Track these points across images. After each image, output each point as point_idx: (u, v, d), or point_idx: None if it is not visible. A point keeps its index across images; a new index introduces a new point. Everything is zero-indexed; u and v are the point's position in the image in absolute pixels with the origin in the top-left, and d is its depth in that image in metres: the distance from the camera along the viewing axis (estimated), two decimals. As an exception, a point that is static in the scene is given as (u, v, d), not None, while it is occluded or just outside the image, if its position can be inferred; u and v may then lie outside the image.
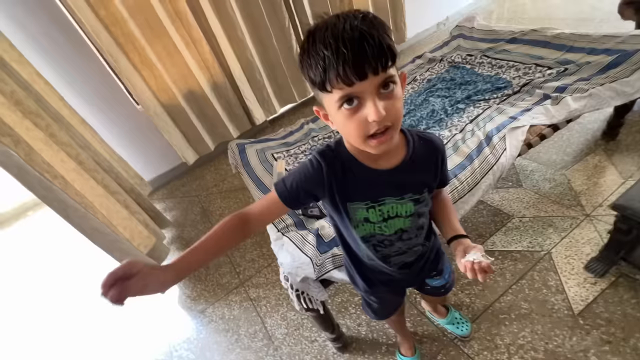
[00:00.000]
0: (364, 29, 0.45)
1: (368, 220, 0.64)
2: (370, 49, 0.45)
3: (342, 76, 0.46)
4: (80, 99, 2.19)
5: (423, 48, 3.37)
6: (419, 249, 0.75)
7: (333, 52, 0.45)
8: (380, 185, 0.62)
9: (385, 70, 0.47)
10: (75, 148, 1.59)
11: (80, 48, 2.13)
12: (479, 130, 1.36)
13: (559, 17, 3.02)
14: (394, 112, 0.50)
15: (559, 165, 1.69)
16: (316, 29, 0.48)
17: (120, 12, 2.05)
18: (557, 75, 1.48)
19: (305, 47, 0.49)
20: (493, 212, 1.59)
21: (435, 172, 0.67)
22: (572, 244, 1.36)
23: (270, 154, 1.64)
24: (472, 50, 1.89)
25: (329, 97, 0.51)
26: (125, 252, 1.44)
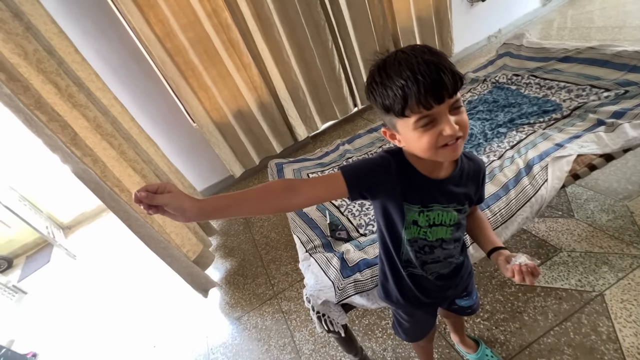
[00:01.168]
0: (435, 61, 0.53)
1: (417, 223, 0.70)
2: (445, 77, 0.52)
3: (423, 102, 0.53)
4: (148, 118, 2.51)
5: (472, 63, 3.26)
6: (454, 261, 0.79)
7: (413, 82, 0.52)
8: (432, 192, 0.68)
9: (455, 93, 0.55)
10: (140, 163, 1.83)
11: (149, 75, 2.45)
12: (520, 157, 1.30)
13: (632, 25, 2.71)
14: (464, 124, 0.58)
15: (621, 195, 1.52)
16: (386, 64, 0.56)
17: (183, 44, 2.33)
18: (616, 98, 1.35)
19: (378, 80, 0.57)
20: (538, 243, 1.48)
21: (477, 188, 0.74)
22: (631, 287, 1.21)
23: (306, 173, 1.72)
24: (519, 69, 1.80)
25: (405, 121, 0.57)
26: (175, 258, 1.62)
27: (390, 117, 0.59)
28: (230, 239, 2.39)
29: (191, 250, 1.87)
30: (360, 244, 1.20)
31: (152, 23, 2.23)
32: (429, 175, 0.67)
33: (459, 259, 0.80)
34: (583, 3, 3.45)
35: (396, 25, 2.90)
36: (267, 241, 2.21)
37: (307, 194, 0.62)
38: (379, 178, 0.65)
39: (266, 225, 2.36)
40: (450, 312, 1.01)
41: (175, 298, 2.09)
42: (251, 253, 2.17)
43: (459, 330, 1.20)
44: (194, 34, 2.34)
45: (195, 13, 2.27)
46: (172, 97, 2.60)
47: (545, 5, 3.55)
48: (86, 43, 2.13)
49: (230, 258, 2.22)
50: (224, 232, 2.47)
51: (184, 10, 2.25)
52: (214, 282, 1.86)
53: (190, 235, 1.92)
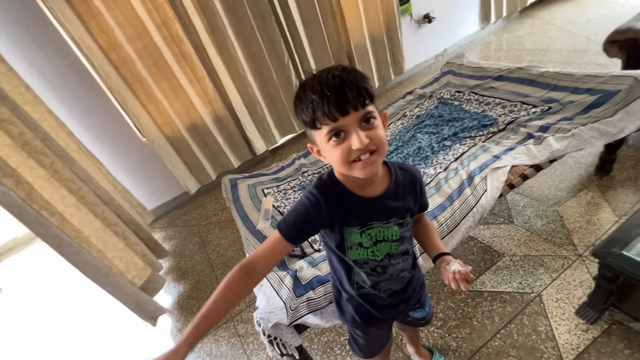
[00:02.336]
0: (343, 76, 0.56)
1: (362, 245, 0.70)
2: (349, 91, 0.55)
3: (328, 114, 0.55)
4: (90, 134, 2.32)
5: (422, 79, 3.46)
6: (406, 276, 0.79)
7: (319, 96, 0.55)
8: (369, 211, 0.68)
9: (363, 107, 0.56)
10: (77, 182, 1.67)
11: (91, 88, 2.28)
12: (463, 169, 1.38)
13: (555, 49, 3.06)
14: (377, 138, 0.58)
15: (552, 201, 1.67)
16: (306, 81, 0.60)
17: (130, 55, 2.21)
18: (542, 114, 1.50)
19: (298, 95, 0.61)
20: (483, 249, 1.56)
21: (416, 198, 0.74)
22: (564, 287, 1.31)
23: (261, 189, 1.69)
24: (461, 86, 1.94)
25: (319, 133, 0.59)
26: (117, 286, 1.48)
27: (310, 131, 0.62)
28: (183, 260, 2.25)
29: (137, 275, 1.73)
30: (314, 260, 1.18)
31: (95, 33, 2.09)
32: (362, 194, 0.67)
33: (410, 272, 0.80)
34: (514, 28, 3.84)
35: (350, 42, 3.00)
36: (224, 260, 2.11)
37: (263, 269, 0.66)
38: (312, 219, 0.66)
39: (223, 244, 2.26)
40: (405, 324, 1.02)
41: (120, 329, 1.90)
42: (206, 274, 2.06)
43: (414, 341, 1.21)
44: (142, 45, 2.24)
45: (143, 24, 2.17)
46: (118, 111, 2.44)
47: (483, 29, 3.90)
48: (14, 52, 1.94)
49: (183, 280, 2.08)
50: (177, 253, 2.33)
51: (131, 21, 2.14)
52: (163, 308, 1.73)
53: (136, 259, 1.77)
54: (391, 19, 3.10)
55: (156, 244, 2.14)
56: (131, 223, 2.00)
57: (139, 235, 2.01)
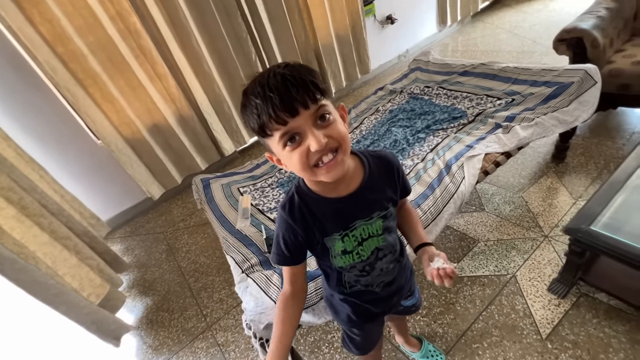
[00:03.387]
0: (286, 73, 0.50)
1: (346, 251, 0.67)
2: (294, 88, 0.49)
3: (275, 117, 0.49)
4: (33, 136, 2.07)
5: (387, 78, 3.55)
6: (396, 266, 0.77)
7: (262, 99, 0.49)
8: (348, 211, 0.64)
9: (314, 102, 0.51)
10: (18, 192, 1.47)
11: (34, 84, 2.03)
12: (439, 159, 1.41)
13: (506, 50, 3.30)
14: (336, 134, 0.53)
15: (517, 188, 1.78)
16: (248, 85, 0.53)
17: (80, 48, 2.01)
18: (506, 106, 1.59)
19: (242, 102, 0.54)
20: (459, 236, 1.62)
21: (396, 185, 0.70)
22: (535, 266, 1.40)
23: (236, 188, 1.61)
24: (429, 82, 2.01)
25: (272, 141, 0.54)
26: (72, 305, 1.31)
27: (262, 139, 0.56)
28: (150, 270, 2.08)
29: (94, 293, 1.55)
30: (301, 257, 1.14)
31: (37, 23, 1.87)
32: (335, 195, 0.63)
33: (399, 260, 0.78)
34: (468, 31, 4.09)
35: (317, 41, 3.00)
36: (196, 267, 1.98)
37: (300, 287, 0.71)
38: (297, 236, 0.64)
39: (194, 250, 2.12)
40: (396, 314, 1.01)
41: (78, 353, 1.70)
42: (177, 283, 1.92)
43: (402, 331, 1.21)
44: (95, 38, 2.05)
45: (94, 15, 1.99)
46: (67, 111, 2.20)
47: (440, 31, 4.11)
48: None
49: (151, 293, 1.92)
50: (142, 264, 2.14)
51: (80, 11, 1.95)
52: (127, 325, 1.57)
53: (92, 275, 1.60)
54: (356, 19, 3.15)
55: (114, 257, 1.95)
56: (85, 235, 1.80)
57: (94, 249, 1.82)
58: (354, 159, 0.66)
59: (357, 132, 1.84)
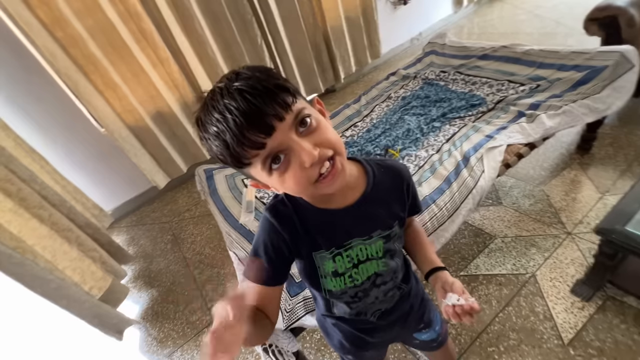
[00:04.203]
0: (241, 87, 0.41)
1: (337, 273, 0.57)
2: (259, 99, 0.40)
3: (248, 143, 0.41)
4: (34, 125, 2.03)
5: (398, 63, 3.40)
6: (396, 293, 0.66)
7: (224, 124, 0.40)
8: (344, 225, 0.55)
9: (288, 110, 0.42)
10: (17, 183, 1.43)
11: (34, 71, 1.98)
12: (456, 150, 1.32)
13: (526, 32, 3.10)
14: (328, 140, 0.45)
15: (537, 181, 1.67)
16: (200, 112, 0.44)
17: (79, 33, 1.93)
18: (530, 92, 1.47)
19: (200, 135, 0.45)
20: (475, 232, 1.53)
21: (403, 202, 0.60)
22: (557, 265, 1.31)
23: (241, 179, 1.54)
24: (445, 66, 1.88)
25: (254, 169, 0.45)
26: (73, 300, 1.29)
27: (240, 170, 0.48)
28: (155, 260, 2.06)
29: (96, 286, 1.52)
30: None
31: (34, 6, 1.79)
32: (331, 206, 0.53)
33: (401, 288, 0.66)
34: (485, 12, 3.87)
35: (326, 23, 2.86)
36: (201, 258, 1.95)
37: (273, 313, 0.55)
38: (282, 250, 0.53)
39: (199, 241, 2.09)
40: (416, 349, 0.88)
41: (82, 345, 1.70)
42: (182, 274, 1.89)
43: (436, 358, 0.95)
44: (94, 21, 1.96)
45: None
46: (69, 98, 2.15)
47: (456, 13, 3.90)
48: None
49: (156, 284, 1.90)
50: (147, 255, 2.12)
51: (77, -7, 1.87)
52: (130, 319, 1.54)
53: (93, 267, 1.57)
54: None
55: (118, 249, 1.93)
56: (87, 227, 1.77)
57: (98, 240, 1.80)
58: (356, 167, 0.58)
59: (368, 121, 1.74)
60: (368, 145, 1.53)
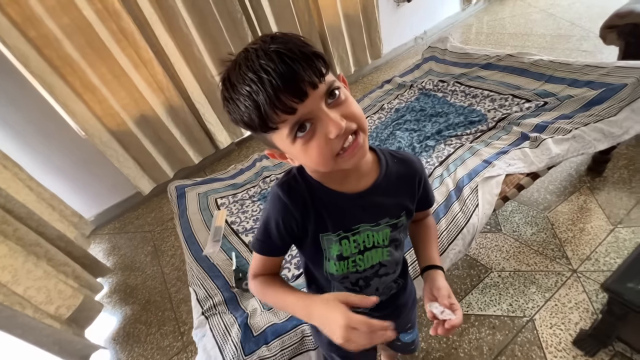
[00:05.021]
0: (280, 49, 0.40)
1: (342, 256, 0.56)
2: (297, 64, 0.39)
3: (281, 106, 0.40)
4: (7, 131, 1.93)
5: (400, 64, 3.22)
6: (393, 286, 0.66)
7: (258, 85, 0.39)
8: (353, 210, 0.54)
9: (323, 78, 0.42)
10: (-21, 197, 1.33)
11: (7, 73, 1.87)
12: (449, 176, 1.17)
13: (538, 33, 2.90)
14: (352, 114, 0.45)
15: (541, 206, 1.51)
16: (229, 72, 0.43)
17: (53, 32, 1.82)
18: (536, 110, 1.31)
19: (226, 95, 0.44)
20: (469, 263, 1.39)
21: (413, 195, 0.60)
22: (558, 309, 1.17)
23: (214, 199, 1.42)
24: (445, 75, 1.72)
25: (278, 135, 0.44)
26: (30, 328, 1.19)
27: (262, 135, 0.46)
28: (133, 274, 1.96)
29: (64, 305, 1.43)
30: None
31: (3, 4, 1.68)
32: (343, 189, 0.53)
33: (398, 282, 0.67)
34: (496, 10, 3.65)
35: (323, 22, 2.69)
36: (179, 275, 1.85)
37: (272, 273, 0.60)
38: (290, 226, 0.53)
39: (178, 254, 1.98)
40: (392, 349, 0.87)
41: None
42: (158, 292, 1.79)
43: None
44: (69, 20, 1.84)
45: (66, -6, 1.77)
46: (47, 102, 2.03)
47: (464, 10, 3.68)
48: None
49: (131, 301, 1.80)
50: (126, 266, 2.03)
51: (49, -10, 1.74)
52: (94, 345, 1.45)
53: (61, 286, 1.47)
54: (368, -4, 2.81)
55: (94, 262, 1.83)
56: (59, 240, 1.68)
57: (70, 253, 1.70)
58: (371, 155, 0.57)
59: (357, 134, 1.59)
60: (354, 164, 1.39)
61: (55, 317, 1.39)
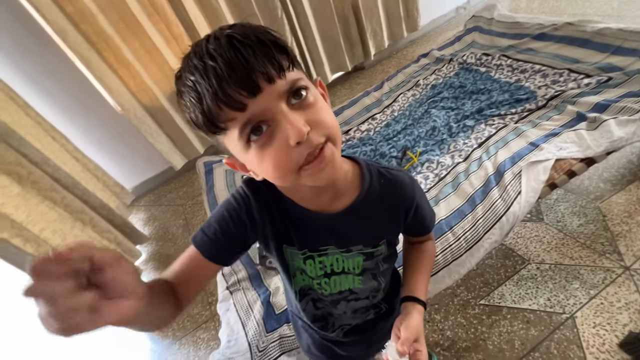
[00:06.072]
0: (234, 34, 0.34)
1: (305, 272, 0.51)
2: (249, 50, 0.33)
3: (225, 99, 0.33)
4: (53, 104, 2.04)
5: (438, 37, 2.99)
6: (370, 312, 0.59)
7: (202, 74, 0.33)
8: (320, 232, 0.48)
9: (282, 73, 0.35)
10: (27, 166, 1.43)
11: (50, 49, 1.95)
12: (488, 159, 1.08)
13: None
14: (322, 120, 0.37)
15: (593, 195, 1.37)
16: (181, 64, 0.38)
17: (89, 8, 1.85)
18: (598, 86, 1.15)
19: (177, 87, 0.39)
20: (504, 253, 1.31)
21: (397, 223, 0.52)
22: (604, 308, 1.07)
23: (241, 175, 1.42)
24: (490, 47, 1.56)
25: (229, 139, 0.37)
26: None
27: (213, 137, 0.39)
28: (166, 245, 2.06)
29: (106, 269, 1.53)
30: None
31: (42, -21, 1.72)
32: (314, 208, 0.46)
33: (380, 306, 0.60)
34: (554, -27, 3.24)
35: (356, -9, 2.53)
36: (208, 248, 1.91)
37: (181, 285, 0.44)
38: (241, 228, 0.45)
39: (208, 228, 2.04)
40: None
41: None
42: (189, 263, 1.87)
43: None
44: (104, -5, 1.86)
45: (100, -32, 1.78)
46: (85, 77, 2.11)
47: (516, -25, 3.30)
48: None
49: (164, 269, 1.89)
50: (160, 237, 2.13)
51: (84, -36, 1.76)
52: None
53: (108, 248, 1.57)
54: (406, -39, 2.59)
55: (133, 230, 1.94)
56: (102, 208, 1.78)
57: (112, 221, 1.81)
58: (353, 169, 0.49)
59: (388, 113, 1.51)
60: (384, 144, 1.32)
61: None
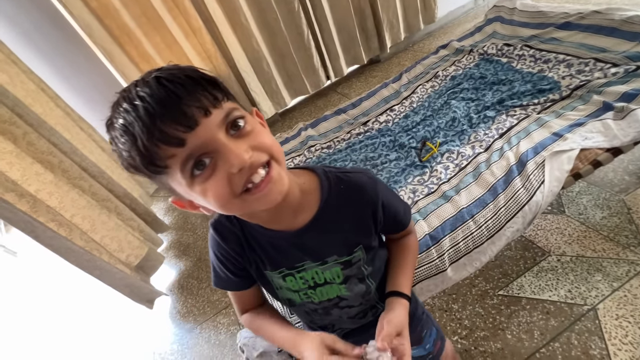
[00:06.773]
0: (159, 75, 0.35)
1: (291, 290, 0.53)
2: (180, 88, 0.34)
3: (160, 136, 0.33)
4: (79, 96, 2.12)
5: (456, 29, 2.95)
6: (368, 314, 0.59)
7: (134, 116, 0.33)
8: (292, 250, 0.49)
9: (218, 104, 0.36)
10: (58, 155, 1.50)
11: (75, 42, 2.02)
12: (510, 149, 1.07)
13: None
14: (262, 143, 0.38)
15: (617, 188, 1.34)
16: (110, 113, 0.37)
17: (112, 2, 1.90)
18: (625, 76, 1.12)
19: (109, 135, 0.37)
20: (524, 244, 1.30)
21: (367, 227, 0.51)
22: (628, 300, 1.05)
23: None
24: (512, 37, 1.53)
25: (172, 177, 0.37)
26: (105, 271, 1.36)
27: (155, 177, 0.38)
28: (186, 234, 2.13)
29: (132, 254, 1.60)
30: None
31: (68, -26, 1.78)
32: (278, 227, 0.47)
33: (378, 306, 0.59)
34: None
35: (369, -16, 2.51)
36: (226, 237, 1.96)
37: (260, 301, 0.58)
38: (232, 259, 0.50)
39: (226, 219, 2.09)
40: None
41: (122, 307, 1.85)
42: (207, 252, 1.90)
43: None
44: (126, -10, 1.91)
45: (123, -37, 1.83)
46: (108, 70, 2.18)
47: (537, -37, 3.21)
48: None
49: (185, 257, 1.97)
50: (179, 227, 2.20)
51: (108, -39, 1.80)
52: (159, 291, 1.62)
53: (130, 237, 1.64)
54: (424, -50, 2.55)
55: (155, 218, 2.01)
56: (125, 197, 1.85)
57: (135, 210, 1.88)
58: (311, 181, 0.49)
59: (407, 104, 1.51)
60: (403, 135, 1.33)
61: (125, 264, 1.56)
